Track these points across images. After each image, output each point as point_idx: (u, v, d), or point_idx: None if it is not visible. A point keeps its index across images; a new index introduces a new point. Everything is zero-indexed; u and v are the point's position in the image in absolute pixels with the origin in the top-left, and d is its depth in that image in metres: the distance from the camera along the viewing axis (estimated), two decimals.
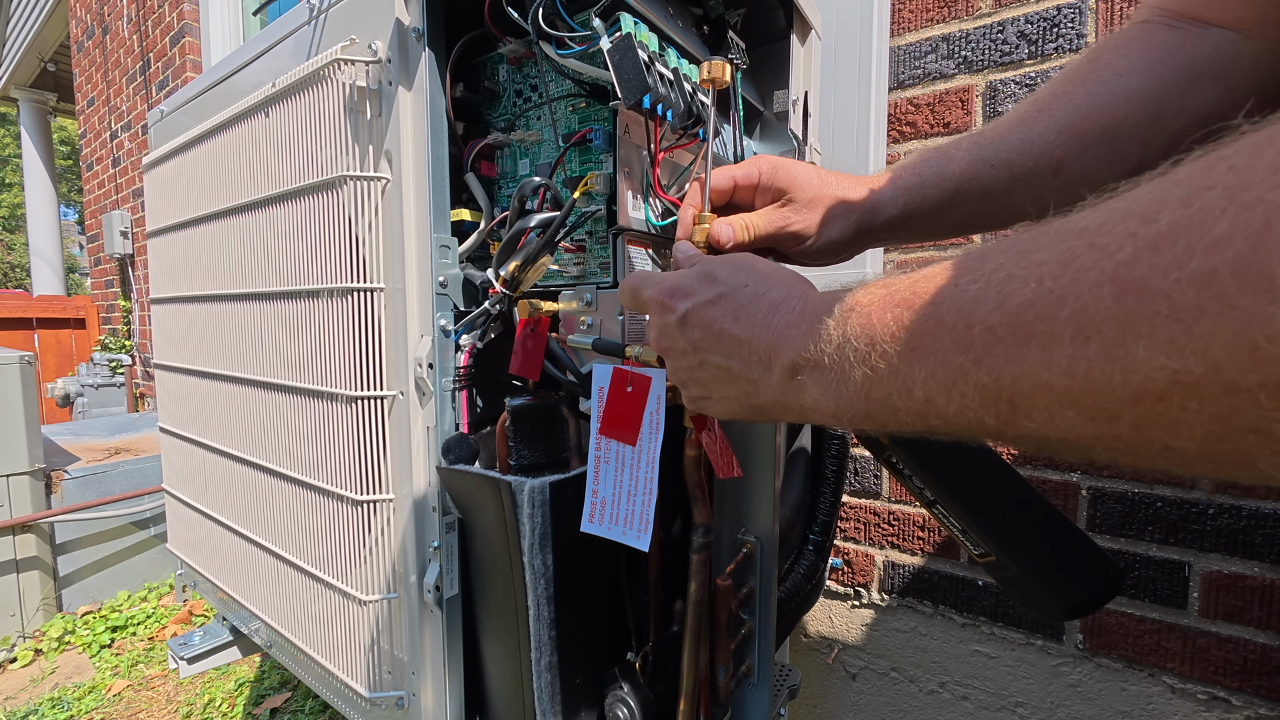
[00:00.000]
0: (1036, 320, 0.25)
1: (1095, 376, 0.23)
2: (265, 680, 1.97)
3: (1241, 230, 0.19)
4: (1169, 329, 0.21)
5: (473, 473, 0.59)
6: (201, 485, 0.97)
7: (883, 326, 0.32)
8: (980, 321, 0.27)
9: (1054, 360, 0.24)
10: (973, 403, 0.27)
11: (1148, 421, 0.22)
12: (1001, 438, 0.29)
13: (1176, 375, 0.21)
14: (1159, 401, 0.21)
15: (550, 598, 0.56)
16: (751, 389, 0.41)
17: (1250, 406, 0.19)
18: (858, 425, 0.35)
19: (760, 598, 0.67)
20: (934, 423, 0.30)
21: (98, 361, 3.93)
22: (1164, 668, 0.97)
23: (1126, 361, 0.22)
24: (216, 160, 0.83)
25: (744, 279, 0.43)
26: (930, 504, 0.45)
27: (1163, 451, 0.23)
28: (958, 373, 0.28)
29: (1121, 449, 0.24)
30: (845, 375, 0.34)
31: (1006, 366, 0.26)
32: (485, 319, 0.63)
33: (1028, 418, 0.26)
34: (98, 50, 3.73)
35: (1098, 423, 0.24)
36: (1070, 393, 0.24)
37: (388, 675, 0.67)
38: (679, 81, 0.60)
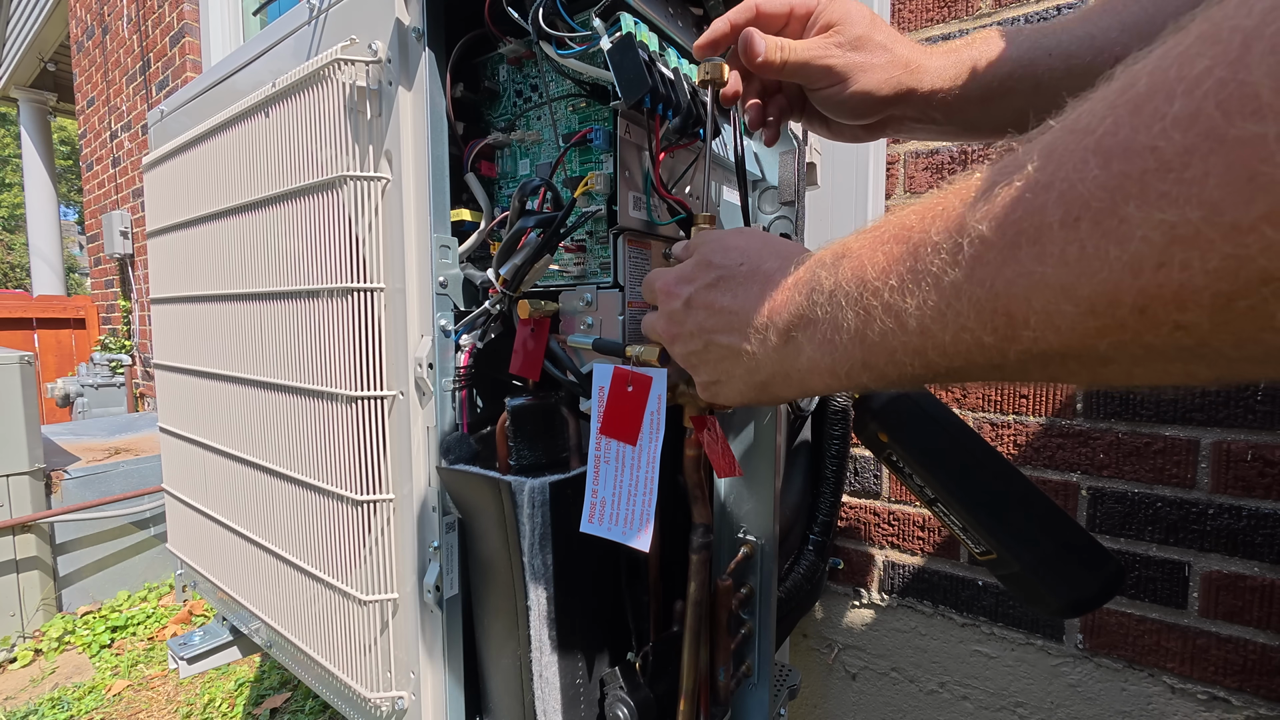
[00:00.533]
0: (1025, 215, 0.24)
1: (1090, 255, 0.22)
2: (265, 680, 1.97)
3: (1220, 60, 0.18)
4: (1159, 182, 0.19)
5: (473, 473, 0.59)
6: (201, 485, 0.97)
7: (873, 265, 0.31)
8: (969, 232, 0.26)
9: (1046, 252, 0.23)
10: (969, 321, 0.27)
11: (1150, 298, 0.21)
12: (1003, 362, 0.27)
13: (1174, 230, 0.19)
14: (1159, 268, 0.20)
15: (550, 598, 0.56)
16: (753, 364, 0.41)
17: (1258, 246, 0.18)
18: (856, 379, 0.34)
19: (760, 598, 0.67)
20: (932, 357, 0.29)
21: (98, 361, 3.93)
22: (1164, 668, 0.97)
23: (1120, 230, 0.21)
24: (216, 160, 0.83)
25: (738, 258, 0.43)
26: (931, 502, 0.45)
27: (1173, 334, 0.21)
28: (951, 291, 0.27)
29: (1129, 342, 0.22)
30: (838, 324, 0.33)
31: (1000, 271, 0.25)
32: (485, 319, 0.63)
33: (1025, 325, 0.25)
34: (98, 50, 3.73)
35: (1098, 313, 0.22)
36: (1065, 283, 0.23)
37: (387, 675, 0.67)
38: (679, 81, 0.60)
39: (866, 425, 0.47)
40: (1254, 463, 0.89)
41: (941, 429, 0.44)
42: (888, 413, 0.45)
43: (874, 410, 0.46)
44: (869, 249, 0.32)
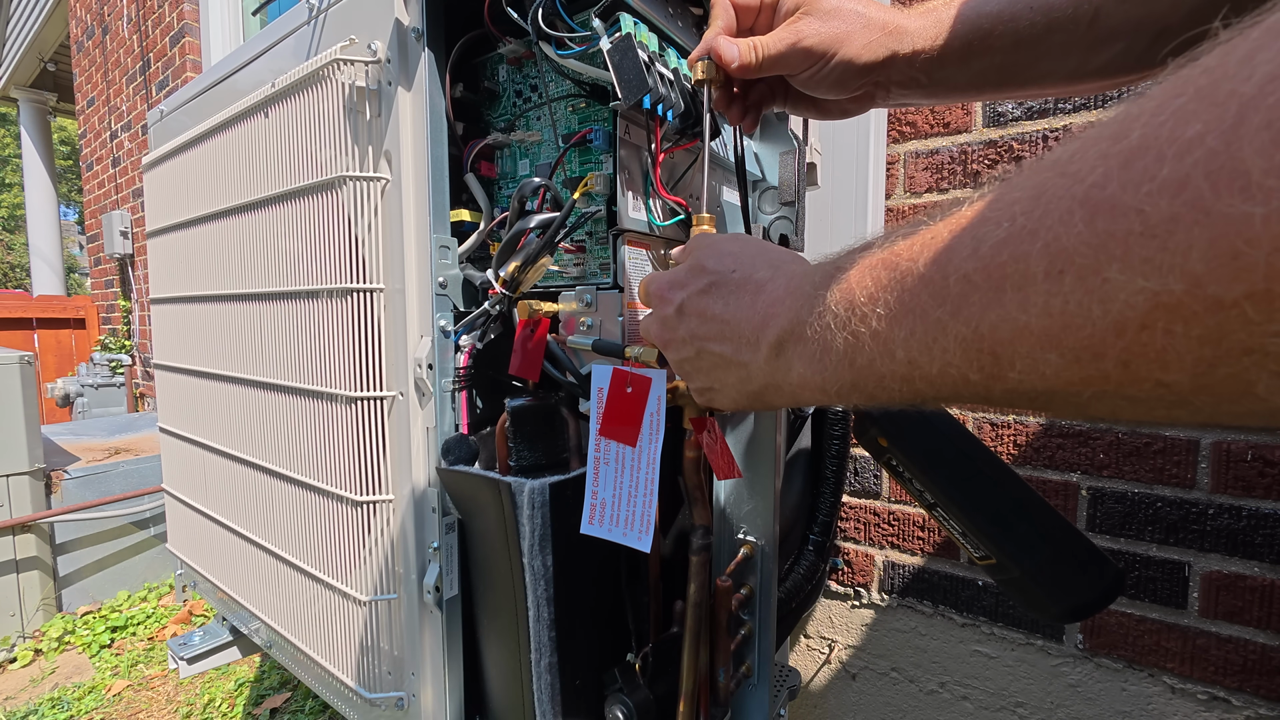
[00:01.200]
0: (1009, 260, 0.24)
1: (1073, 311, 0.22)
2: (265, 680, 1.97)
3: (1214, 127, 0.18)
4: (1143, 247, 0.19)
5: (473, 473, 0.59)
6: (201, 485, 0.97)
7: (861, 290, 0.31)
8: (955, 270, 0.26)
9: (1030, 300, 0.23)
10: (955, 358, 0.26)
11: (1134, 355, 0.21)
12: (990, 396, 0.27)
13: (1157, 297, 0.19)
14: (1142, 331, 0.20)
15: (550, 598, 0.56)
16: (744, 373, 0.41)
17: (1239, 323, 0.18)
18: (846, 399, 0.34)
19: (760, 598, 0.67)
20: (920, 386, 0.29)
21: (98, 361, 3.93)
22: (1164, 668, 0.97)
23: (1103, 290, 0.20)
24: (216, 160, 0.83)
25: (731, 264, 0.43)
26: (930, 506, 0.45)
27: (1156, 389, 0.21)
28: (937, 328, 0.27)
29: (1112, 391, 0.22)
30: (828, 345, 0.33)
31: (984, 314, 0.25)
32: (485, 319, 0.63)
33: (1011, 368, 0.25)
34: (98, 50, 3.73)
35: (1082, 363, 0.22)
36: (1049, 333, 0.23)
37: (387, 676, 0.67)
38: (679, 81, 0.60)
39: (866, 430, 0.47)
40: (1254, 463, 0.89)
41: (941, 434, 0.44)
42: (888, 418, 0.45)
43: (874, 415, 0.46)
44: (859, 272, 0.32)
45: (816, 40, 0.50)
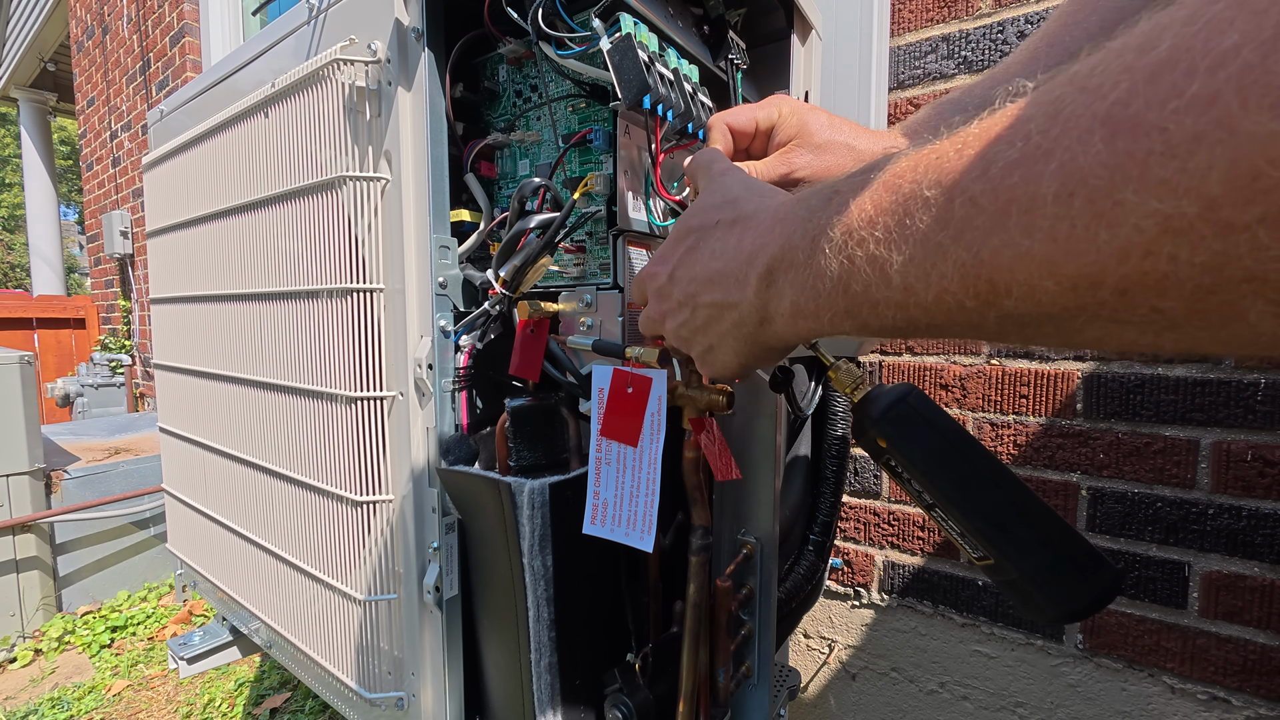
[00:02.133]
0: (1020, 182, 0.23)
1: (1079, 236, 0.21)
2: (265, 680, 1.97)
3: (1252, 38, 0.17)
4: (1162, 168, 0.19)
5: (472, 474, 0.59)
6: (201, 485, 0.97)
7: (860, 213, 0.30)
8: (962, 192, 0.25)
9: (1035, 225, 0.22)
10: (952, 284, 0.26)
11: (1133, 283, 0.21)
12: (982, 324, 0.27)
13: (1168, 221, 0.19)
14: (1146, 257, 0.20)
15: (550, 599, 0.56)
16: (737, 315, 0.40)
17: (1247, 248, 0.18)
18: (839, 326, 0.33)
19: (760, 598, 0.67)
20: (914, 313, 0.29)
21: (98, 361, 3.93)
22: (1164, 668, 0.97)
23: (1113, 214, 0.20)
24: (216, 160, 0.83)
25: (714, 215, 0.43)
26: (929, 507, 0.44)
27: (1148, 315, 0.21)
28: (937, 253, 0.26)
29: (1105, 317, 0.22)
30: (821, 271, 0.32)
31: (987, 239, 0.24)
32: (485, 320, 0.63)
33: (1007, 295, 0.24)
34: (98, 50, 3.73)
35: (1079, 291, 0.22)
36: (1051, 260, 0.22)
37: (387, 676, 0.67)
38: (679, 82, 0.60)
39: (866, 431, 0.47)
40: (1254, 463, 0.89)
41: (941, 436, 0.44)
42: (887, 419, 0.45)
43: (874, 416, 0.46)
44: (856, 195, 0.31)
45: (808, 173, 0.53)
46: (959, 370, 1.13)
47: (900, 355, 1.19)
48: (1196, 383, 0.92)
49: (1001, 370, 1.08)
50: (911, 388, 0.47)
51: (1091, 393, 1.00)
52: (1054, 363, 1.03)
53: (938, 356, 1.15)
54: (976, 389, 1.11)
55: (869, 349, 1.22)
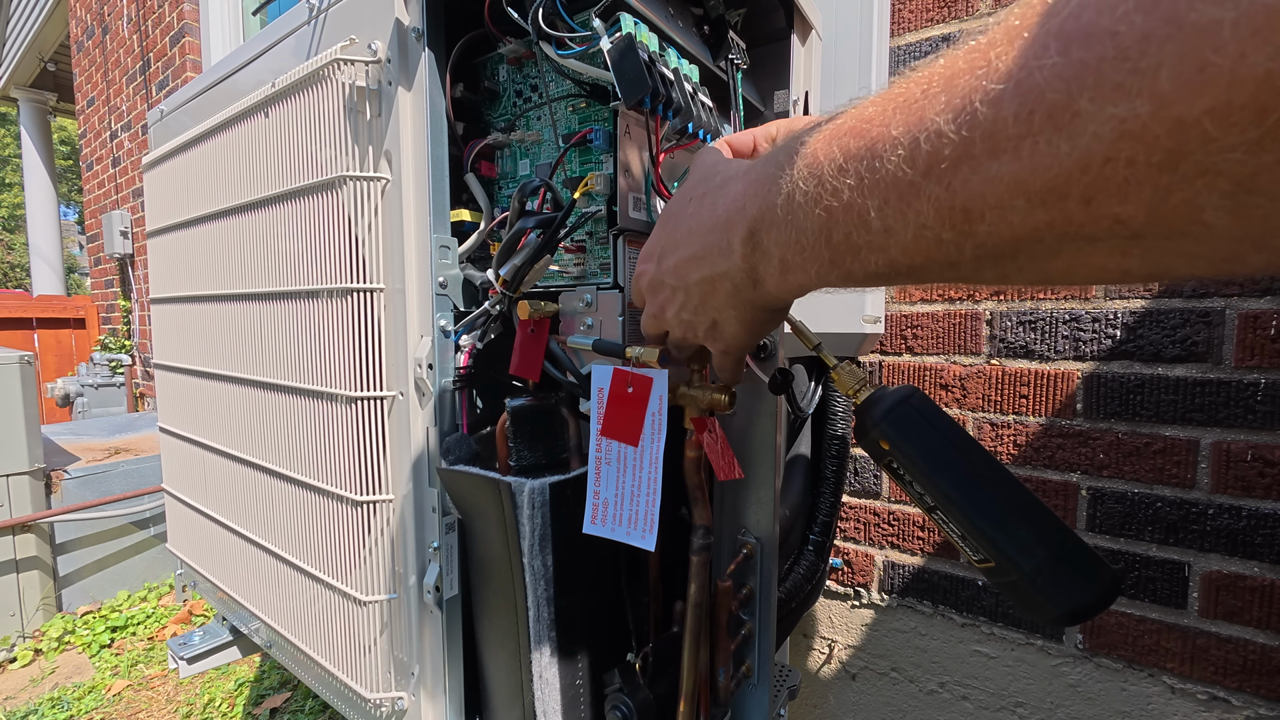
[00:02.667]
0: (982, 107, 0.24)
1: (1042, 152, 0.22)
2: (265, 680, 1.97)
3: None
4: (1115, 71, 0.20)
5: (473, 473, 0.59)
6: (201, 485, 0.97)
7: (829, 162, 0.30)
8: (926, 128, 0.26)
9: (1000, 147, 0.23)
10: (929, 219, 0.27)
11: (1096, 190, 0.21)
12: (960, 258, 0.28)
13: (1123, 125, 0.20)
14: (1106, 164, 0.21)
15: (550, 599, 0.56)
16: (732, 284, 0.40)
17: (1198, 141, 0.19)
18: (826, 278, 0.34)
19: (760, 598, 0.67)
20: (895, 255, 0.29)
21: (98, 361, 3.93)
22: (1164, 668, 0.97)
23: (1072, 125, 0.21)
24: (216, 160, 0.83)
25: (688, 195, 0.43)
26: (930, 509, 0.45)
27: (1112, 227, 0.22)
28: (910, 191, 0.27)
29: (1074, 235, 0.23)
30: (801, 225, 0.33)
31: (956, 169, 0.25)
32: (485, 319, 0.63)
33: (981, 220, 0.25)
34: (98, 50, 3.73)
35: (1048, 206, 0.23)
36: (1018, 178, 0.23)
37: (387, 675, 0.67)
38: (679, 81, 0.60)
39: (868, 432, 0.47)
40: (1254, 463, 0.89)
41: (943, 437, 0.44)
42: (890, 420, 0.45)
43: (876, 418, 0.46)
44: (825, 144, 0.31)
45: None
46: (959, 370, 1.13)
47: (900, 355, 1.19)
48: (1196, 383, 0.92)
49: (1001, 370, 1.08)
50: (914, 390, 0.47)
51: (1091, 393, 1.00)
52: (1054, 363, 1.03)
53: (938, 356, 1.15)
54: (976, 389, 1.11)
55: (869, 349, 1.22)
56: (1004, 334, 1.08)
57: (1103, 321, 0.99)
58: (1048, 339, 1.04)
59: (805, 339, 0.55)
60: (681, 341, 0.50)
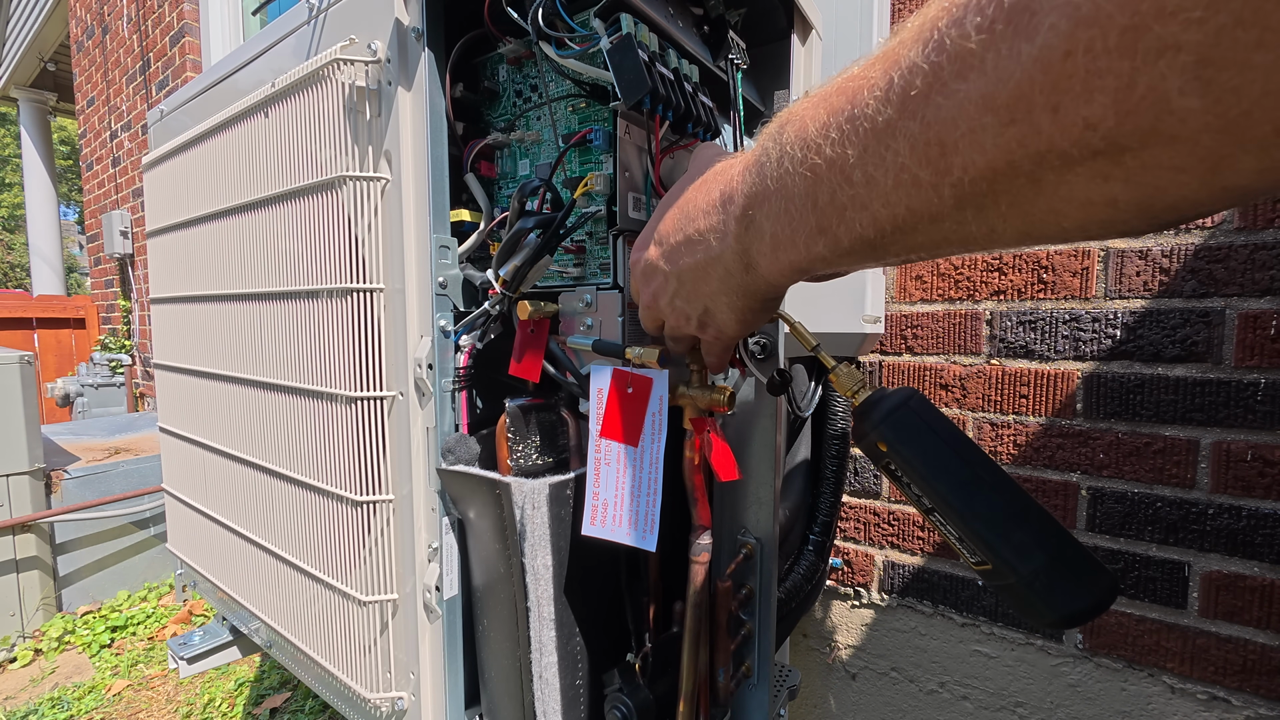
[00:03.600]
0: (946, 28, 0.24)
1: (1005, 57, 0.22)
2: (265, 680, 1.97)
3: None
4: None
5: (472, 474, 0.59)
6: (201, 485, 0.97)
7: (815, 122, 0.31)
8: (899, 65, 0.26)
9: (967, 66, 0.24)
10: (906, 159, 0.27)
11: (1060, 93, 0.21)
12: (940, 202, 0.28)
13: (1077, 11, 0.20)
14: (1066, 59, 0.21)
15: (550, 598, 0.56)
16: (724, 269, 0.41)
17: (1152, 14, 0.18)
18: (814, 249, 0.34)
19: (760, 598, 0.67)
20: (878, 209, 0.30)
21: (98, 361, 3.93)
22: (1164, 668, 0.97)
23: (1030, 25, 0.21)
24: (216, 160, 0.83)
25: (682, 186, 0.44)
26: (928, 511, 0.45)
27: (1083, 134, 0.22)
28: (886, 130, 0.27)
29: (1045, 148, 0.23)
30: (790, 191, 0.33)
31: (929, 98, 0.25)
32: (485, 320, 0.63)
33: (955, 151, 0.25)
34: (98, 50, 3.73)
35: (1016, 121, 0.23)
36: (985, 93, 0.23)
37: (387, 675, 0.67)
38: (679, 82, 0.60)
39: (866, 434, 0.47)
40: (1254, 463, 0.89)
41: (941, 440, 0.44)
42: (888, 423, 0.45)
43: (874, 420, 0.46)
44: (812, 108, 0.32)
45: None
46: (959, 370, 1.13)
47: (900, 355, 1.19)
48: (1196, 383, 0.92)
49: (1001, 370, 1.08)
50: (913, 392, 0.47)
51: (1091, 393, 1.00)
52: (1054, 363, 1.03)
53: (938, 356, 1.15)
54: (976, 389, 1.11)
55: (869, 349, 1.22)
56: (1004, 334, 1.08)
57: (1103, 321, 0.99)
58: (1048, 339, 1.04)
59: (804, 340, 0.55)
60: (676, 331, 0.50)
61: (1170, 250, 0.94)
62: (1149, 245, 0.95)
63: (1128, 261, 0.96)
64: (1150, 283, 0.95)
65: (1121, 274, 0.97)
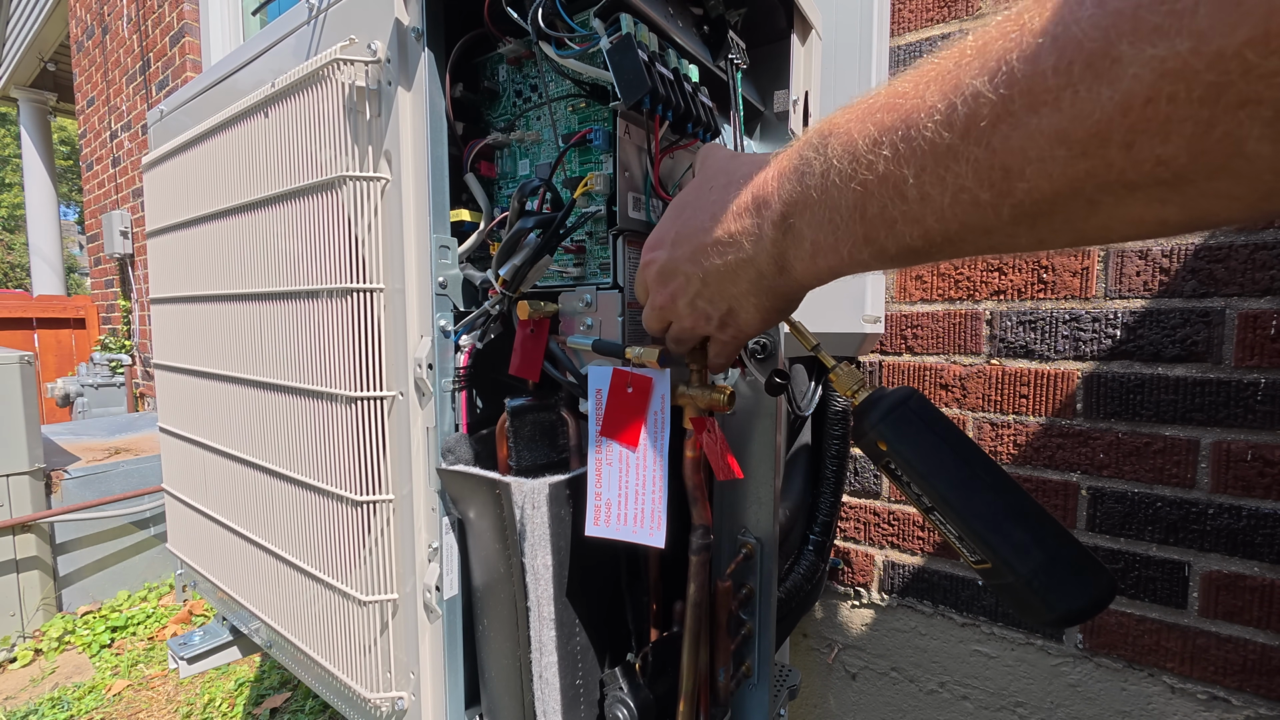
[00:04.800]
0: (1019, 64, 0.24)
1: (1083, 98, 0.23)
2: (265, 680, 1.97)
3: None
4: (1151, 15, 0.20)
5: (472, 474, 0.59)
6: (201, 485, 0.97)
7: (864, 137, 0.31)
8: (962, 92, 0.27)
9: (1040, 100, 0.24)
10: (967, 181, 0.27)
11: (1137, 133, 0.22)
12: (997, 220, 0.28)
13: (1163, 64, 0.20)
14: (1147, 104, 0.21)
15: (550, 598, 0.56)
16: (755, 270, 0.41)
17: (1238, 72, 0.19)
18: (858, 255, 0.35)
19: (760, 598, 0.67)
20: (930, 225, 0.30)
21: (98, 361, 3.93)
22: (1164, 667, 0.97)
23: (1112, 70, 0.22)
24: (216, 160, 0.83)
25: (708, 181, 0.44)
26: (928, 510, 0.45)
27: (1154, 169, 0.22)
28: (949, 155, 0.28)
29: (1113, 181, 0.24)
30: (835, 203, 0.34)
31: (996, 126, 0.26)
32: (485, 319, 0.63)
33: (1021, 177, 0.26)
34: (98, 50, 3.73)
35: (1089, 154, 0.24)
36: (1059, 129, 0.24)
37: (387, 675, 0.67)
38: (679, 81, 0.60)
39: (866, 434, 0.47)
40: (1254, 463, 0.89)
41: (940, 440, 0.44)
42: (888, 422, 0.45)
43: (874, 419, 0.46)
44: (858, 122, 0.32)
45: None
46: (959, 370, 1.13)
47: (900, 355, 1.19)
48: (1196, 383, 0.92)
49: (1001, 370, 1.08)
50: (913, 392, 0.47)
51: (1091, 393, 1.00)
52: (1054, 363, 1.03)
53: (938, 356, 1.15)
54: (976, 389, 1.11)
55: (869, 349, 1.22)
56: (1004, 334, 1.08)
57: (1103, 321, 0.99)
58: (1048, 339, 1.04)
59: (804, 340, 0.55)
60: (687, 333, 0.49)
61: (1170, 250, 0.94)
62: (1149, 245, 0.95)
63: (1128, 261, 0.96)
64: (1150, 283, 0.95)
65: (1121, 274, 0.97)
